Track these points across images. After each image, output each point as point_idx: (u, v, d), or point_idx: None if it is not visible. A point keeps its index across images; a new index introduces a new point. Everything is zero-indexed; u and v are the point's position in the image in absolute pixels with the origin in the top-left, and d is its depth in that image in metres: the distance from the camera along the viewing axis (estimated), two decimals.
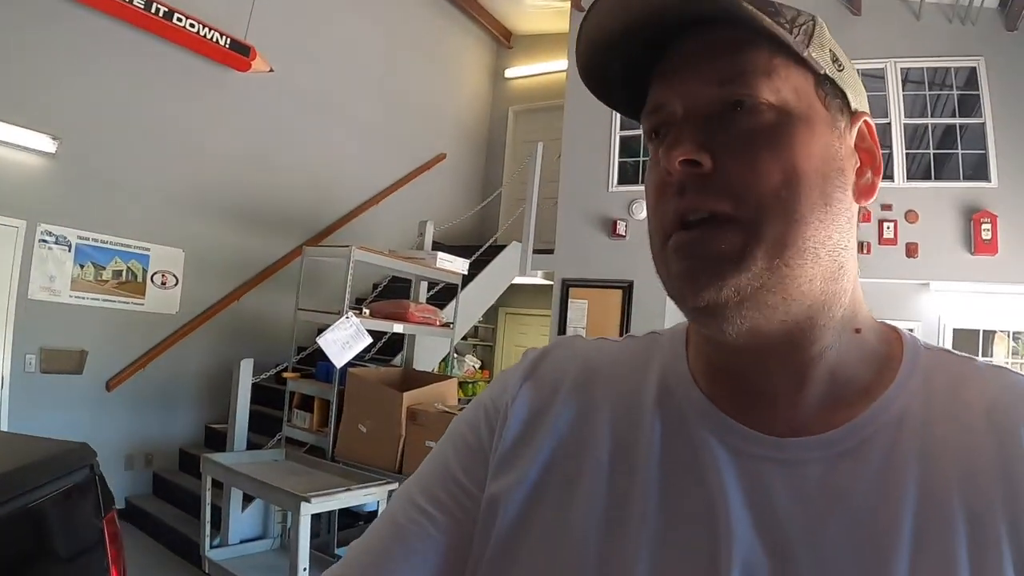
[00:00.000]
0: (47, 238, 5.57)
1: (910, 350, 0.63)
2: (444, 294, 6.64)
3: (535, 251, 7.84)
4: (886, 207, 6.25)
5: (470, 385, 9.84)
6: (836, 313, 0.59)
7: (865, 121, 0.62)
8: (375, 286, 7.89)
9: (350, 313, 4.92)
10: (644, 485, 0.61)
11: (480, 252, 7.62)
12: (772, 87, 0.56)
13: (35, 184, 5.47)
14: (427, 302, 6.27)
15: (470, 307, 7.44)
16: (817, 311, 0.58)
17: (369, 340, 4.96)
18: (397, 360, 6.36)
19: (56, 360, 5.64)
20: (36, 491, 1.86)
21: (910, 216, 6.22)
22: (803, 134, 0.56)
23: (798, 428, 0.59)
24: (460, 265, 6.27)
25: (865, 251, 6.16)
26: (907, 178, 6.35)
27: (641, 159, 7.34)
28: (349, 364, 4.79)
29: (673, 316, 0.63)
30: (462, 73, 9.70)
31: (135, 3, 5.61)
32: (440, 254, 6.08)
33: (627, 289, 7.16)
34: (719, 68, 0.56)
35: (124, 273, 6.00)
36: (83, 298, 5.74)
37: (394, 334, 5.82)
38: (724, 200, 0.55)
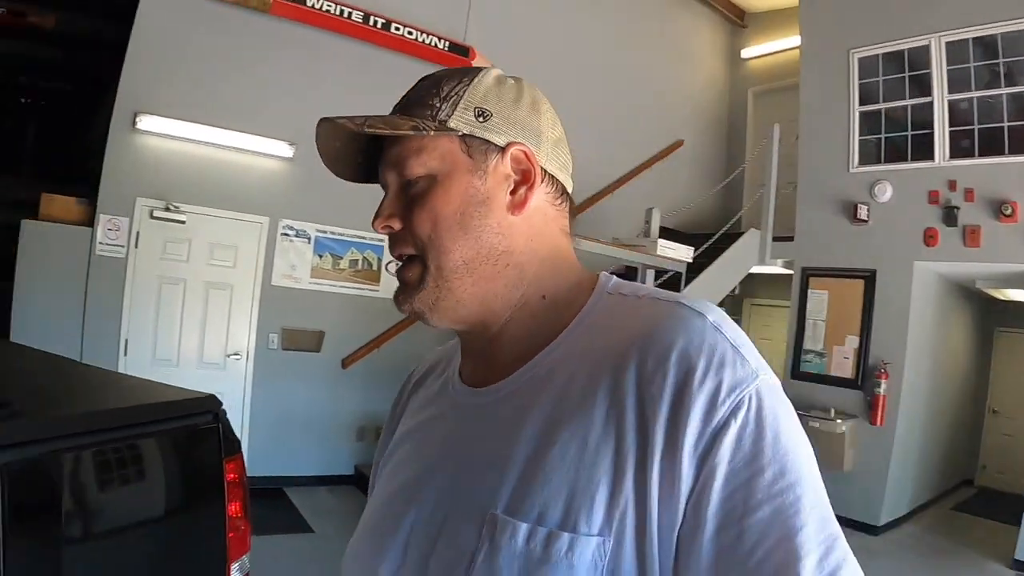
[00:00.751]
0: (288, 232, 6.16)
1: (592, 300, 0.82)
2: (675, 283, 6.41)
3: (775, 238, 7.40)
4: None
5: None
6: (512, 297, 0.83)
7: (518, 149, 0.82)
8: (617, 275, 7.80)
9: None
10: (415, 427, 0.94)
11: (714, 240, 7.26)
12: (420, 162, 0.80)
13: (276, 185, 6.08)
14: None
15: (704, 295, 7.08)
16: (490, 301, 0.82)
17: None
18: None
19: (296, 339, 6.25)
20: (157, 425, 2.14)
21: None
22: (441, 189, 0.80)
23: (491, 380, 0.83)
24: (684, 252, 6.02)
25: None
26: None
27: (883, 136, 6.63)
28: None
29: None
30: (695, 57, 9.30)
31: (353, 18, 6.05)
32: (662, 241, 5.87)
33: (869, 279, 6.48)
34: (393, 159, 0.83)
35: (360, 262, 6.48)
36: (321, 284, 6.31)
37: None
38: (410, 246, 0.81)
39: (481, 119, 0.81)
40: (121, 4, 5.62)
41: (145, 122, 5.43)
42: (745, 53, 9.46)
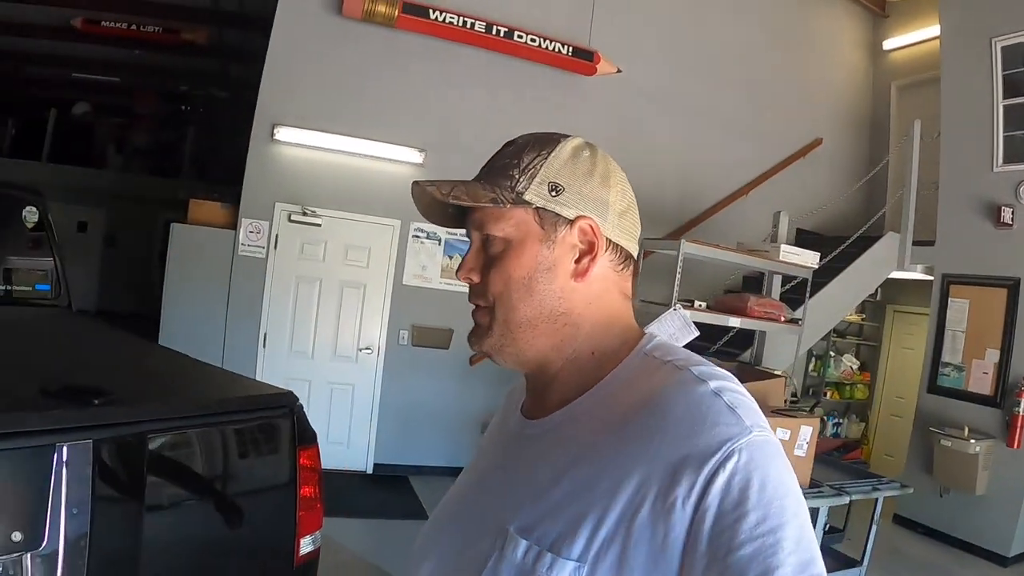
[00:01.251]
0: (419, 234, 6.46)
1: (628, 359, 0.92)
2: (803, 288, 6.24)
3: (915, 242, 7.03)
4: None
5: (847, 387, 9.14)
6: (566, 350, 0.95)
7: (586, 223, 0.94)
8: (745, 279, 7.66)
9: (678, 306, 4.92)
10: (490, 439, 1.12)
11: (848, 243, 6.97)
12: (499, 228, 0.93)
13: (406, 189, 6.28)
14: (781, 297, 5.99)
15: (835, 302, 6.90)
16: (546, 352, 0.95)
17: (696, 334, 4.81)
18: (746, 355, 6.15)
19: (426, 336, 6.55)
20: (237, 415, 2.43)
21: None
22: (515, 254, 0.93)
23: (541, 415, 0.96)
24: (809, 258, 5.83)
25: None
26: None
27: None
28: None
29: None
30: (834, 51, 8.85)
31: (476, 28, 6.23)
32: (784, 246, 5.72)
33: (1013, 288, 6.05)
34: (476, 222, 0.96)
35: None
36: (451, 284, 6.56)
37: (745, 330, 5.76)
38: (483, 299, 0.95)
39: (554, 193, 0.93)
40: (264, 20, 6.11)
41: (282, 133, 5.89)
42: (887, 44, 8.89)
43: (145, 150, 12.45)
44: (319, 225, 6.14)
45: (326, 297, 6.31)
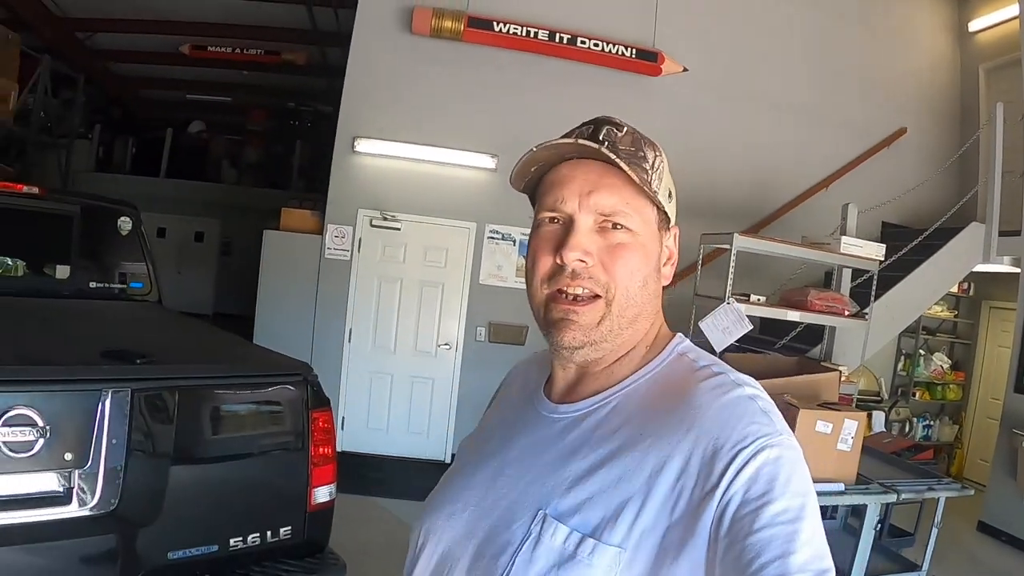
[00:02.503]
0: (494, 235, 6.77)
1: (662, 356, 0.98)
2: (886, 282, 6.19)
3: (1001, 233, 6.80)
4: None
5: (939, 388, 8.80)
6: (629, 345, 0.97)
7: (676, 231, 1.01)
8: (827, 274, 7.57)
9: (731, 300, 5.04)
10: (502, 418, 1.13)
11: (925, 235, 6.77)
12: (630, 218, 0.93)
13: (481, 193, 6.72)
14: (853, 292, 5.96)
15: (913, 297, 6.76)
16: (618, 349, 0.97)
17: (749, 327, 4.98)
18: (815, 351, 6.14)
19: (502, 333, 6.85)
20: (257, 379, 3.00)
21: None
22: (644, 250, 0.94)
23: (570, 400, 1.00)
24: (873, 250, 5.79)
25: None
26: None
27: None
28: (739, 348, 4.89)
29: None
30: (915, 36, 8.55)
31: (540, 37, 6.50)
32: (845, 238, 5.71)
33: None
34: (601, 204, 0.92)
35: None
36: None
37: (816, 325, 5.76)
38: (599, 287, 0.92)
39: (669, 198, 0.99)
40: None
41: (362, 145, 6.36)
42: (973, 25, 8.43)
43: (256, 164, 13.31)
44: (399, 229, 6.56)
45: (406, 296, 6.72)
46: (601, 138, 0.93)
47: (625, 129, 0.96)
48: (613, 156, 0.89)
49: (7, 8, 8.73)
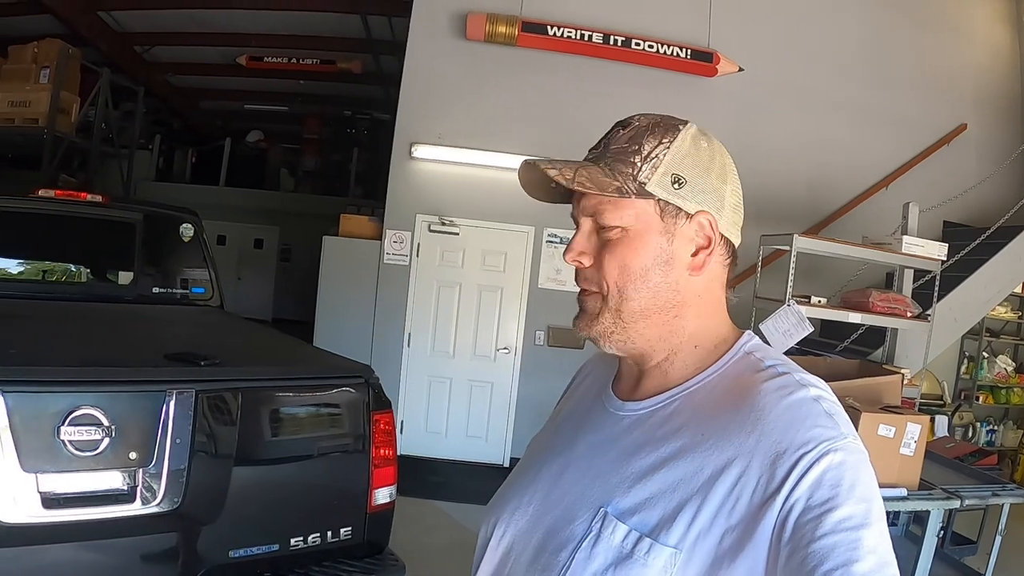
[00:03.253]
0: (552, 239, 6.79)
1: (727, 356, 0.97)
2: (948, 282, 6.09)
3: None
4: None
5: (1003, 391, 8.59)
6: (672, 342, 0.97)
7: (704, 218, 0.95)
8: (888, 275, 7.45)
9: (792, 302, 5.01)
10: (572, 412, 1.15)
11: (987, 234, 6.65)
12: (617, 216, 0.93)
13: None
14: (915, 293, 5.88)
15: (975, 298, 6.62)
16: (653, 343, 0.96)
17: (810, 329, 4.95)
18: (877, 354, 6.06)
19: (561, 337, 6.85)
20: (320, 381, 3.08)
21: None
22: (633, 244, 0.93)
23: (636, 398, 1.00)
24: (935, 250, 5.70)
25: None
26: None
27: None
28: (800, 351, 4.86)
29: None
30: (971, 28, 8.31)
31: (594, 40, 6.51)
32: (906, 238, 5.63)
33: None
34: (590, 208, 0.95)
35: None
36: None
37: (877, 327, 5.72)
38: (595, 285, 0.95)
39: (676, 186, 0.93)
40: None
41: (419, 151, 6.45)
42: None
43: (313, 171, 13.54)
44: (457, 233, 6.64)
45: (465, 300, 6.78)
46: (596, 144, 0.99)
47: (634, 125, 0.97)
48: (554, 171, 0.92)
49: (67, 25, 9.05)
